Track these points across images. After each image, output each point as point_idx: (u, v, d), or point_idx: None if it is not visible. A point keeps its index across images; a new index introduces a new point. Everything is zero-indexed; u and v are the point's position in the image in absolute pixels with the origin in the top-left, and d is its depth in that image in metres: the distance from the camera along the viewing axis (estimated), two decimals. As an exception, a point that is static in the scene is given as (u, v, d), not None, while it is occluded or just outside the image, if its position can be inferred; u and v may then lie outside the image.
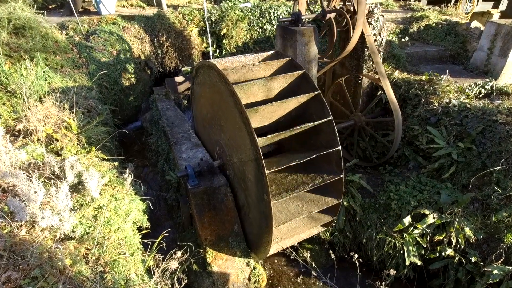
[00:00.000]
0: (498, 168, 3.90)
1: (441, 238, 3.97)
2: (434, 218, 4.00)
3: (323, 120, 3.27)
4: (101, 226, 2.70)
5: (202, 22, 8.13)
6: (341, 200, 3.52)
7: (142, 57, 7.79)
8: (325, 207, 3.52)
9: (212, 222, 3.93)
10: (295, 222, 3.60)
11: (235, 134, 3.44)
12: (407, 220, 4.11)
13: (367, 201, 4.74)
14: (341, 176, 3.37)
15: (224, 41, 8.15)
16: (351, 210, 4.70)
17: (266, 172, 2.83)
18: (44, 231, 2.34)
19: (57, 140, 3.54)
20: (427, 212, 4.05)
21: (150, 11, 8.70)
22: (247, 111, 2.92)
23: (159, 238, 3.13)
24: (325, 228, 4.04)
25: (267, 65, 3.67)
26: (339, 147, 3.28)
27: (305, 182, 3.34)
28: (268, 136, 3.09)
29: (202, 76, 4.09)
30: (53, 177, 2.78)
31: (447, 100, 4.86)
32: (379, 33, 5.08)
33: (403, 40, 6.90)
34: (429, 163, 4.82)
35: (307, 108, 3.48)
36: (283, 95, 3.58)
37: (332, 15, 4.85)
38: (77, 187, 2.93)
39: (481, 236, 3.82)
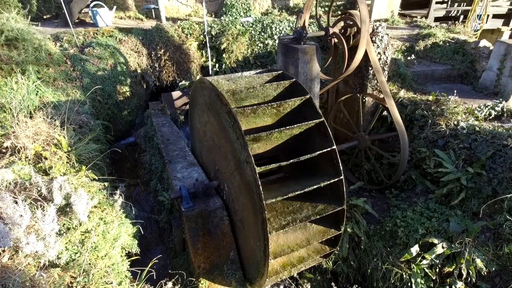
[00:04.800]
0: (509, 195, 3.93)
1: (451, 270, 3.95)
2: (443, 248, 3.99)
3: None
4: (88, 252, 2.71)
5: (201, 36, 8.37)
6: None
7: (139, 71, 7.97)
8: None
9: (206, 248, 3.91)
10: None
11: (233, 156, 3.51)
12: (415, 249, 4.10)
13: (372, 227, 4.73)
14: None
15: (224, 55, 8.36)
16: (355, 237, 4.69)
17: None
18: (28, 257, 2.35)
19: (46, 158, 3.59)
20: (435, 241, 4.04)
21: (148, 24, 8.97)
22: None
23: (149, 266, 3.12)
24: (325, 259, 4.05)
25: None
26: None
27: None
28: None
29: (200, 93, 4.20)
30: (40, 198, 2.81)
31: (455, 122, 4.95)
32: (384, 52, 5.24)
33: (409, 58, 7.08)
34: (437, 188, 4.84)
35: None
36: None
37: (336, 29, 5.02)
38: (65, 210, 2.96)
39: (493, 268, 3.80)
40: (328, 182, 3.36)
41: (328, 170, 3.53)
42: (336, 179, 3.38)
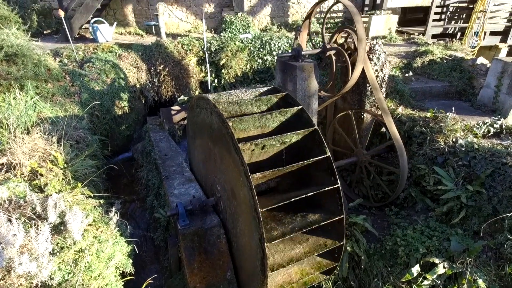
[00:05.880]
0: (510, 214, 3.94)
1: (453, 291, 3.91)
2: (444, 268, 3.96)
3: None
4: (81, 273, 2.69)
5: (201, 52, 8.54)
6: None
7: (138, 86, 8.09)
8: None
9: (202, 267, 3.88)
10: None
11: (229, 170, 3.55)
12: (416, 269, 4.06)
13: (373, 246, 4.70)
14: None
15: (223, 71, 8.51)
16: (355, 256, 4.66)
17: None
18: (21, 278, 2.34)
19: (42, 175, 3.60)
20: (437, 261, 4.01)
21: (148, 39, 9.16)
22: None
23: (143, 286, 3.09)
24: (328, 276, 3.99)
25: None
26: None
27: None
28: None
29: (198, 109, 4.29)
30: (34, 217, 2.82)
31: (454, 139, 5.00)
32: (381, 69, 5.35)
33: (406, 75, 7.21)
34: (437, 205, 4.85)
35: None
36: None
37: (333, 51, 5.16)
38: (59, 228, 2.96)
39: (496, 290, 3.77)
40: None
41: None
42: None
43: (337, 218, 3.43)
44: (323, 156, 3.39)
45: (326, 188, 3.35)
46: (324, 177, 3.53)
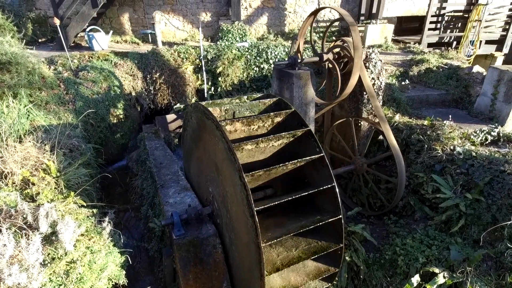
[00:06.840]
0: (509, 222, 3.94)
1: (454, 301, 3.88)
2: (444, 277, 3.94)
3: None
4: (73, 284, 2.64)
5: (197, 60, 8.60)
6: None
7: (133, 94, 8.10)
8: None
9: (198, 278, 3.83)
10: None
11: (209, 147, 3.62)
12: (416, 279, 4.04)
13: (372, 255, 4.67)
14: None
15: (219, 79, 8.56)
16: (354, 266, 4.62)
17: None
18: (9, 290, 2.30)
19: (34, 184, 3.57)
20: (436, 270, 3.99)
21: (144, 48, 9.21)
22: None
23: (137, 299, 3.04)
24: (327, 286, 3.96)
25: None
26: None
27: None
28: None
29: (185, 132, 4.34)
30: (25, 227, 2.78)
31: (452, 147, 5.04)
32: (378, 77, 5.41)
33: (403, 83, 7.29)
34: (436, 214, 4.85)
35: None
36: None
37: (330, 55, 5.21)
38: (50, 238, 2.92)
39: (497, 300, 3.75)
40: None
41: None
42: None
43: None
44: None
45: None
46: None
